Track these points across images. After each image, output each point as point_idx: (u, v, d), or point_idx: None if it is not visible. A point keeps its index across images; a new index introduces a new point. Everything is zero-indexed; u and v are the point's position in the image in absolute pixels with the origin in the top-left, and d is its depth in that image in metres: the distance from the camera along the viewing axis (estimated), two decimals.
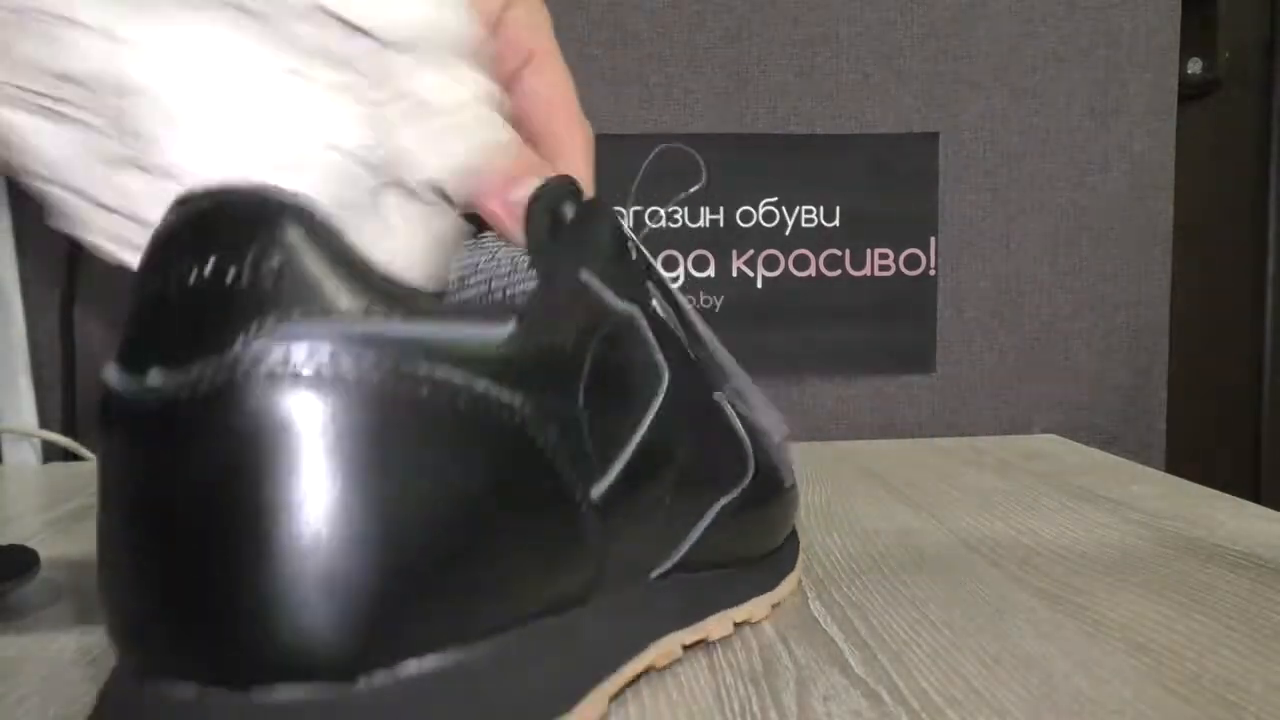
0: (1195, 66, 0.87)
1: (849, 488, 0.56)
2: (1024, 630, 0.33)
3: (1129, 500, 0.52)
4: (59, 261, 0.72)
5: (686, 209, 0.75)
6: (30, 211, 0.51)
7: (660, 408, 0.28)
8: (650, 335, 0.29)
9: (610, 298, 0.27)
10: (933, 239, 0.77)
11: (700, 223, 0.76)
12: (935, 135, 0.76)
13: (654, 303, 0.31)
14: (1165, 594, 0.37)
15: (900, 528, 0.47)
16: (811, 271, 0.77)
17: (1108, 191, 0.78)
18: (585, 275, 0.26)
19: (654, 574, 0.29)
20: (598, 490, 0.25)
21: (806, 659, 0.31)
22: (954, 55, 0.76)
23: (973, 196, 0.77)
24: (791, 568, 0.38)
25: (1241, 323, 0.91)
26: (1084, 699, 0.28)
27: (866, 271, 0.77)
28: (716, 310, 0.76)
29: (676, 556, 0.30)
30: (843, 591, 0.38)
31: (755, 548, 0.35)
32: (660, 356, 0.29)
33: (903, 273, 0.77)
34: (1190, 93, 0.85)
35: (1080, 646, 0.32)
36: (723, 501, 0.32)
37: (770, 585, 0.36)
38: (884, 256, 0.77)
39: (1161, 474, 0.60)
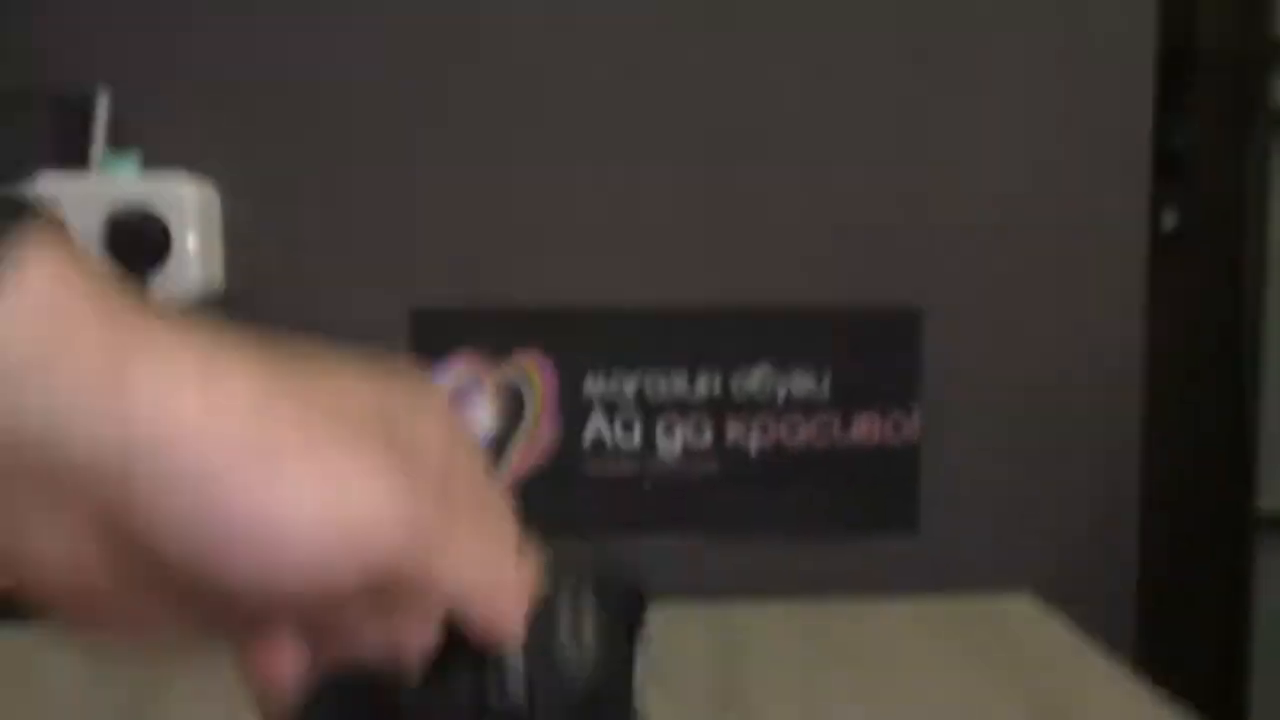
0: (1171, 221, 0.92)
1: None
2: None
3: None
4: None
5: (687, 378, 0.80)
6: None
7: None
8: None
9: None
10: (916, 407, 0.81)
11: (698, 392, 0.80)
12: (920, 312, 0.81)
13: None
14: None
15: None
16: (802, 437, 0.81)
17: (1079, 369, 0.82)
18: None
19: None
20: None
21: None
22: (936, 237, 0.80)
23: (955, 368, 0.82)
24: None
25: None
26: None
27: (854, 437, 0.81)
28: (714, 477, 0.80)
29: None
30: None
31: None
32: None
33: (888, 439, 0.81)
34: (1166, 245, 0.89)
35: None
36: None
37: None
38: (870, 422, 0.81)
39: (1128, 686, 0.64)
